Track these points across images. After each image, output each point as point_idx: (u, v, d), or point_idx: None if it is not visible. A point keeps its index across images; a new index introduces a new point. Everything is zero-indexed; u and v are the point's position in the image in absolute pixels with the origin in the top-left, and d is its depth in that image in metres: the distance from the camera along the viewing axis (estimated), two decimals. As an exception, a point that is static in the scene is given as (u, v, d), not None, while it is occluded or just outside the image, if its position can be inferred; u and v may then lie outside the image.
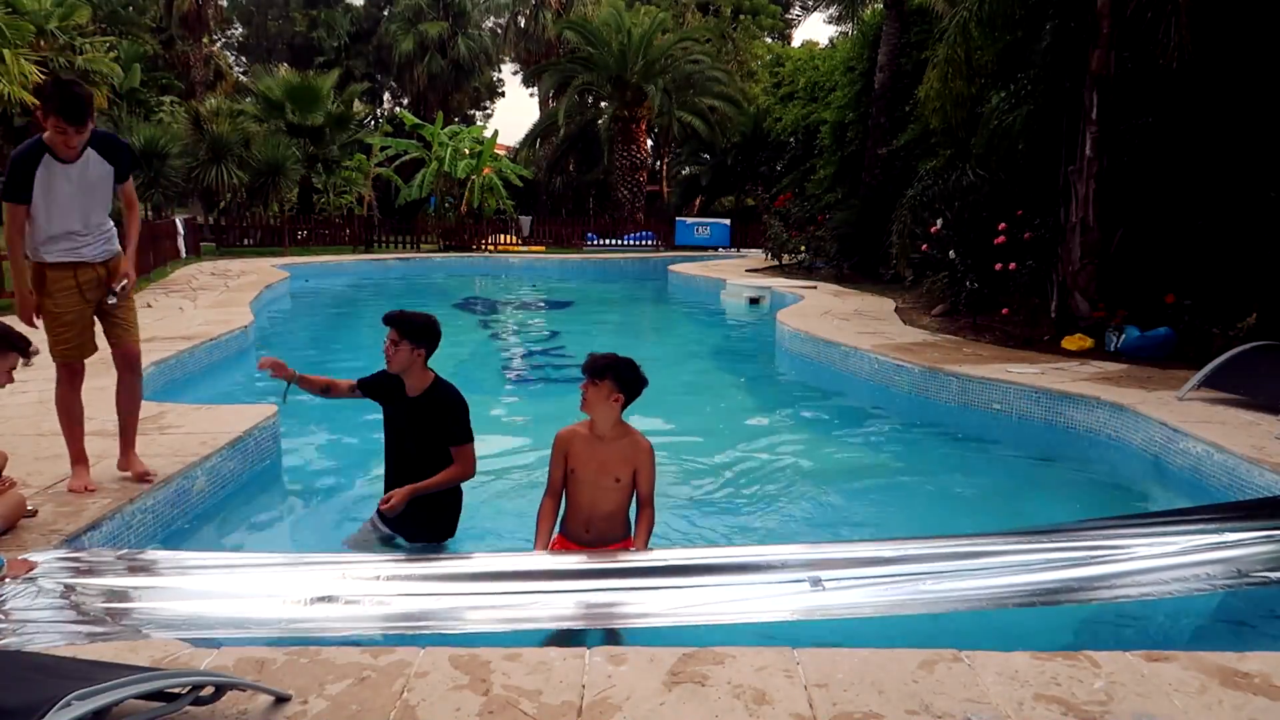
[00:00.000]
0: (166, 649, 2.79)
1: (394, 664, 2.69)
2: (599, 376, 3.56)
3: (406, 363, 4.00)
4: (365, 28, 42.39)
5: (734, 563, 3.58)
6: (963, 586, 3.35)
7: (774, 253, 19.19)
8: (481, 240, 24.92)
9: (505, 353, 11.56)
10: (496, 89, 46.64)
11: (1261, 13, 8.36)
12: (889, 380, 8.28)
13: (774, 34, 36.32)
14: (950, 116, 10.44)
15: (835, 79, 19.37)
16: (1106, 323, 8.96)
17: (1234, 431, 5.53)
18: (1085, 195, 9.27)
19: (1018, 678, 2.64)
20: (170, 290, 13.65)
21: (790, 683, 2.59)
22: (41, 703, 1.91)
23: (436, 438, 4.03)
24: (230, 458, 5.18)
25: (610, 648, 2.80)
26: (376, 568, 3.57)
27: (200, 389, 7.97)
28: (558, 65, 29.39)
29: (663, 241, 25.96)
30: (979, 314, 10.51)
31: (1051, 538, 3.81)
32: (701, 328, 14.54)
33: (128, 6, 28.41)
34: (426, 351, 4.03)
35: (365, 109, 34.23)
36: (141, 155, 20.66)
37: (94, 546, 3.79)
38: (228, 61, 40.40)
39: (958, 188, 11.18)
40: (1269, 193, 8.53)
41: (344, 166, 26.93)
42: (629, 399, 3.61)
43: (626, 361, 3.62)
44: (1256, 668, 2.71)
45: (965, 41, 9.81)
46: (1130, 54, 9.16)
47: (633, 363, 3.64)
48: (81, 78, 20.94)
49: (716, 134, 27.76)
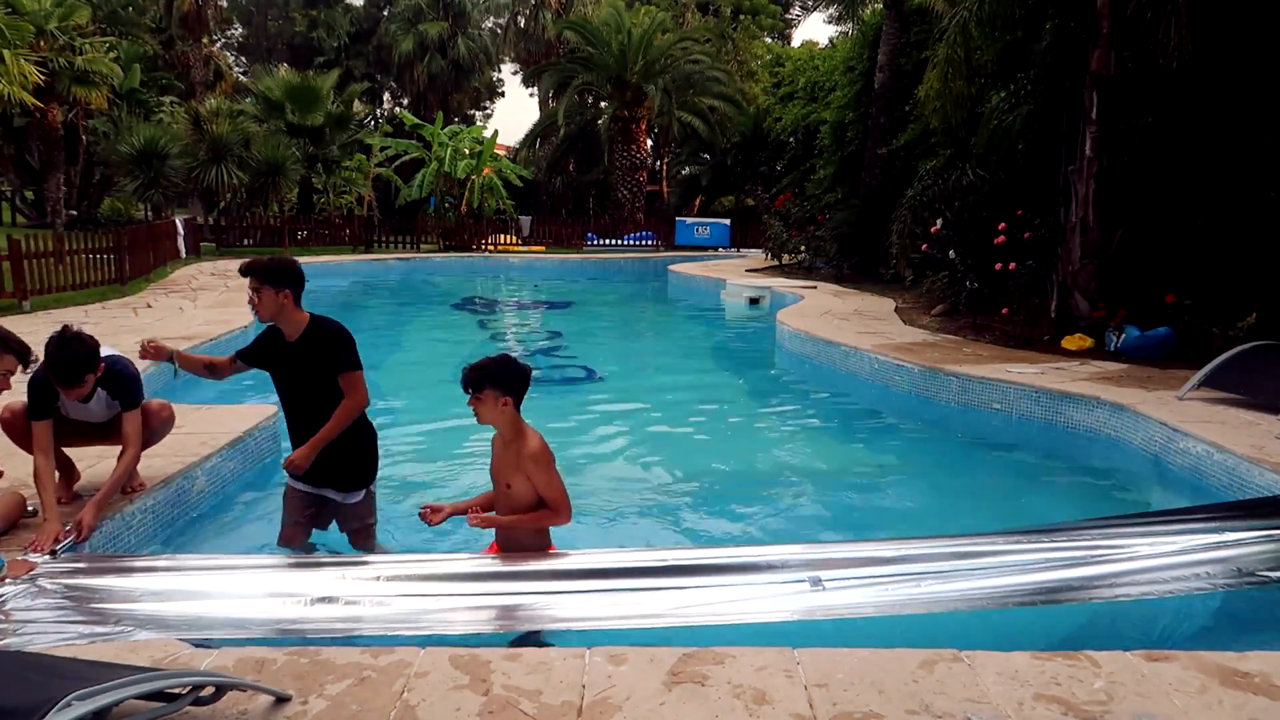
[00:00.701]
0: (167, 649, 2.79)
1: (394, 664, 2.69)
2: (477, 389, 3.41)
3: (275, 308, 3.90)
4: (365, 28, 42.40)
5: (734, 563, 3.58)
6: (963, 586, 3.35)
7: (774, 253, 19.19)
8: (481, 240, 24.93)
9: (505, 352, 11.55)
10: (496, 89, 46.66)
11: (1261, 13, 8.36)
12: (889, 380, 8.28)
13: (774, 34, 36.31)
14: (950, 116, 10.44)
15: (835, 79, 19.38)
16: (1106, 323, 8.96)
17: (1234, 431, 5.53)
18: (1085, 195, 9.27)
19: (1018, 678, 2.64)
20: (170, 290, 13.65)
21: (790, 683, 2.59)
22: (42, 703, 1.91)
23: (327, 373, 3.92)
24: (230, 458, 5.18)
25: (610, 648, 2.80)
26: (376, 568, 3.57)
27: (200, 389, 7.96)
28: (558, 65, 29.39)
29: (663, 241, 25.97)
30: (979, 314, 10.51)
31: (1051, 538, 3.81)
32: (701, 328, 14.54)
33: (128, 7, 28.39)
34: (292, 292, 3.93)
35: (365, 109, 34.23)
36: (141, 155, 20.67)
37: (93, 547, 3.79)
38: (228, 61, 40.39)
39: (958, 188, 11.18)
40: (1269, 193, 8.53)
41: (344, 166, 26.92)
42: (517, 397, 3.46)
43: (497, 361, 3.48)
44: (1256, 668, 2.71)
45: (965, 41, 9.81)
46: (1130, 54, 9.17)
47: (504, 359, 3.50)
48: (81, 78, 20.99)
49: (716, 134, 27.77)
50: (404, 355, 11.27)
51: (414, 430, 7.36)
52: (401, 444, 7.01)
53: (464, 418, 3.55)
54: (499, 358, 3.51)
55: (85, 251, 12.72)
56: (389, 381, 9.38)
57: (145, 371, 5.27)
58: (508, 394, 3.42)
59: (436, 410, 8.16)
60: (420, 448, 6.87)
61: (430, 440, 7.05)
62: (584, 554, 3.64)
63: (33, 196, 27.99)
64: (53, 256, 11.97)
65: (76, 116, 24.40)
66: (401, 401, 8.47)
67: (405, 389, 9.06)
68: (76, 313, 10.69)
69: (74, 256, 12.42)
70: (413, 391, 9.01)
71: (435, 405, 8.46)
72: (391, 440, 7.17)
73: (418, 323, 14.76)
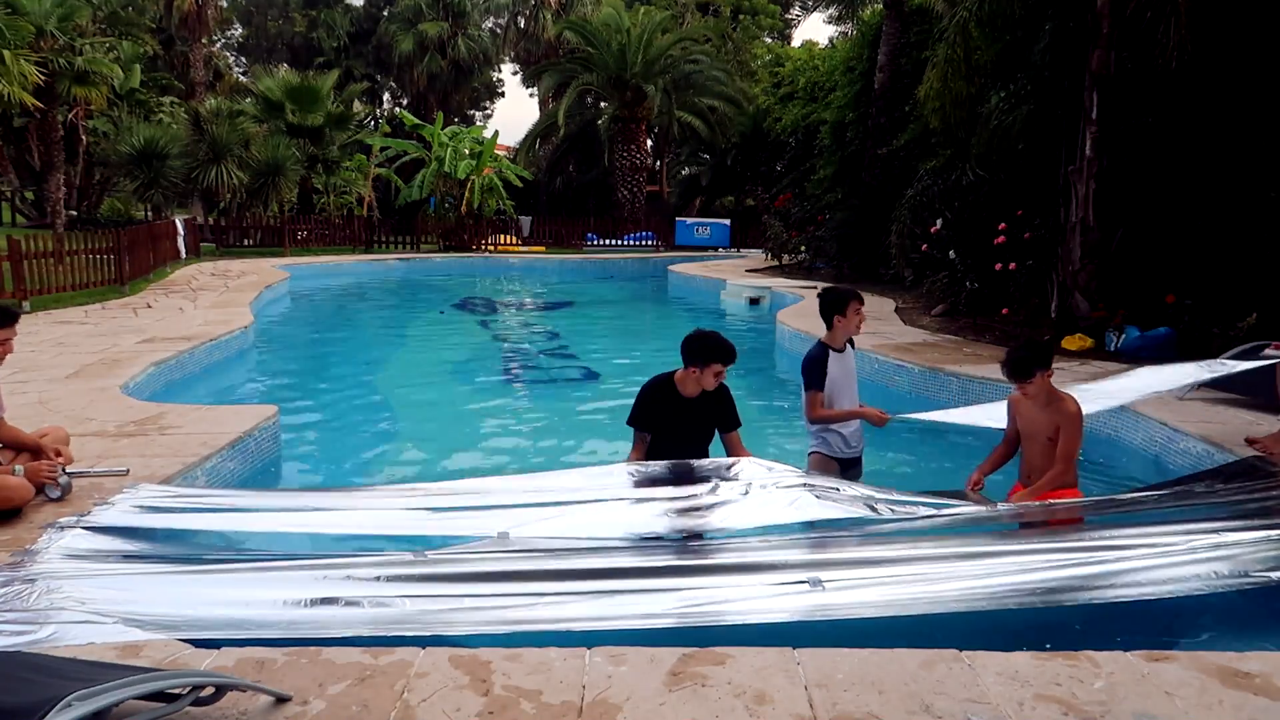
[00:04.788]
0: (167, 649, 2.79)
1: (394, 664, 2.69)
2: (1028, 375, 4.18)
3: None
4: (365, 28, 42.40)
5: (734, 563, 3.58)
6: (963, 586, 3.35)
7: (774, 253, 19.19)
8: (481, 240, 24.93)
9: (505, 353, 11.55)
10: (496, 89, 46.68)
11: (1261, 13, 8.36)
12: (889, 380, 8.28)
13: (774, 34, 36.31)
14: (950, 116, 10.44)
15: (835, 79, 19.36)
16: (1106, 323, 8.96)
17: (1234, 431, 5.53)
18: (1085, 195, 9.27)
19: (1018, 678, 2.64)
20: (170, 291, 13.65)
21: (790, 683, 2.59)
22: (42, 703, 1.91)
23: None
24: (230, 458, 5.18)
25: (610, 648, 2.80)
26: (376, 568, 3.57)
27: (200, 389, 7.97)
28: (558, 65, 29.39)
29: (663, 241, 25.96)
30: (979, 314, 10.51)
31: (1052, 538, 3.81)
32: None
33: (128, 7, 28.37)
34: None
35: (365, 109, 34.27)
36: (141, 155, 20.68)
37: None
38: (227, 62, 40.44)
39: (957, 188, 11.18)
40: (1269, 193, 8.53)
41: (344, 167, 26.93)
42: (690, 362, 4.17)
43: (1034, 346, 4.30)
44: (1256, 668, 2.71)
45: (965, 41, 9.81)
46: (1130, 54, 9.17)
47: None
48: (81, 78, 21.01)
49: (716, 134, 27.76)
50: (404, 355, 11.29)
51: (413, 429, 7.37)
52: (401, 444, 7.02)
53: (464, 417, 3.54)
54: (1037, 342, 4.42)
55: (85, 252, 12.72)
56: (389, 381, 9.38)
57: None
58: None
59: (437, 409, 8.17)
60: (421, 447, 6.87)
61: (431, 439, 7.05)
62: (584, 554, 3.64)
63: (33, 196, 27.97)
64: (52, 257, 11.97)
65: (76, 116, 24.41)
66: (402, 401, 8.47)
67: (405, 389, 9.06)
68: (76, 313, 10.68)
69: (74, 257, 12.42)
70: (413, 391, 9.02)
71: (435, 404, 8.46)
72: (391, 440, 7.19)
73: (418, 322, 14.76)
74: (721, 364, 4.22)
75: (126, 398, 6.35)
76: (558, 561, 3.54)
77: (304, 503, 4.53)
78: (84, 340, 8.52)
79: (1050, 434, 4.28)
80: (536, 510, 4.08)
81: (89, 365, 7.31)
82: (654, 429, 4.34)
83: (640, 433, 4.36)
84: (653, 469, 4.24)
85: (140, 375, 7.13)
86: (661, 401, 4.30)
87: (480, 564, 3.57)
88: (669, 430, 4.32)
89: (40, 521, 3.80)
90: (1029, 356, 4.20)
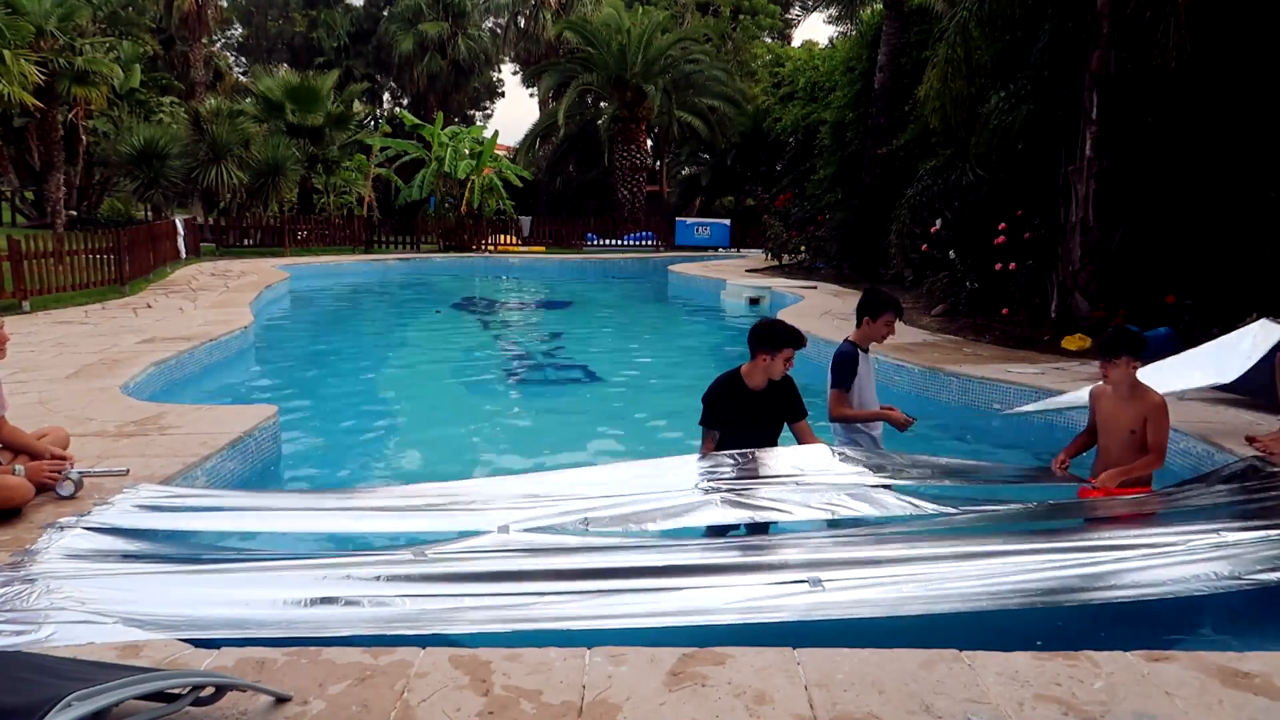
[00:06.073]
0: (167, 649, 2.79)
1: (394, 664, 2.69)
2: (1115, 355, 4.29)
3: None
4: (365, 28, 42.41)
5: (734, 563, 3.58)
6: (963, 586, 3.34)
7: (774, 253, 19.19)
8: (481, 240, 24.93)
9: (505, 353, 11.56)
10: (496, 89, 46.69)
11: (1260, 13, 8.36)
12: (889, 380, 8.27)
13: (774, 34, 36.32)
14: (950, 116, 10.44)
15: (835, 79, 19.37)
16: (1107, 323, 8.95)
17: (1234, 431, 5.53)
18: (1085, 195, 9.27)
19: (1018, 678, 2.64)
20: (170, 291, 13.65)
21: (790, 683, 2.59)
22: (42, 703, 1.91)
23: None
24: (230, 458, 5.18)
25: (610, 648, 2.80)
26: (376, 568, 3.57)
27: (200, 389, 7.97)
28: (558, 65, 29.40)
29: (663, 241, 25.96)
30: (979, 314, 10.51)
31: (1051, 538, 3.81)
32: (701, 328, 14.53)
33: (128, 7, 28.39)
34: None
35: (365, 109, 34.26)
36: (141, 155, 20.68)
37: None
38: (227, 62, 40.43)
39: (957, 188, 11.18)
40: (1269, 193, 8.53)
41: (344, 167, 26.94)
42: (761, 349, 4.27)
43: (1127, 332, 4.42)
44: (1256, 668, 2.71)
45: (965, 41, 9.82)
46: (1130, 54, 9.17)
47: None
48: (81, 78, 21.02)
49: (716, 134, 27.76)
50: (404, 355, 11.29)
51: (414, 429, 7.36)
52: (401, 444, 7.02)
53: (464, 416, 3.54)
54: (1133, 332, 4.45)
55: (85, 252, 12.72)
56: (389, 381, 9.38)
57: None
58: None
59: (437, 409, 8.17)
60: (421, 447, 6.87)
61: (431, 439, 7.05)
62: (584, 554, 3.64)
63: (33, 196, 27.99)
64: (52, 257, 11.96)
65: (76, 116, 24.42)
66: (402, 401, 8.47)
67: (406, 389, 9.06)
68: (76, 313, 10.69)
69: (74, 257, 12.42)
70: (413, 391, 9.02)
71: (436, 404, 8.47)
72: (391, 439, 7.19)
73: (418, 322, 14.76)
74: (793, 348, 4.22)
75: (126, 398, 6.35)
76: (558, 561, 3.54)
77: (304, 503, 4.54)
78: (84, 340, 8.52)
79: (1133, 426, 4.40)
80: (605, 501, 4.13)
81: (89, 365, 7.31)
82: (723, 425, 4.36)
83: (709, 430, 4.38)
84: (725, 459, 4.29)
85: (140, 375, 7.13)
86: (730, 396, 4.34)
87: (480, 563, 3.57)
88: (738, 424, 4.35)
89: (40, 521, 3.80)
90: (1119, 340, 4.35)
